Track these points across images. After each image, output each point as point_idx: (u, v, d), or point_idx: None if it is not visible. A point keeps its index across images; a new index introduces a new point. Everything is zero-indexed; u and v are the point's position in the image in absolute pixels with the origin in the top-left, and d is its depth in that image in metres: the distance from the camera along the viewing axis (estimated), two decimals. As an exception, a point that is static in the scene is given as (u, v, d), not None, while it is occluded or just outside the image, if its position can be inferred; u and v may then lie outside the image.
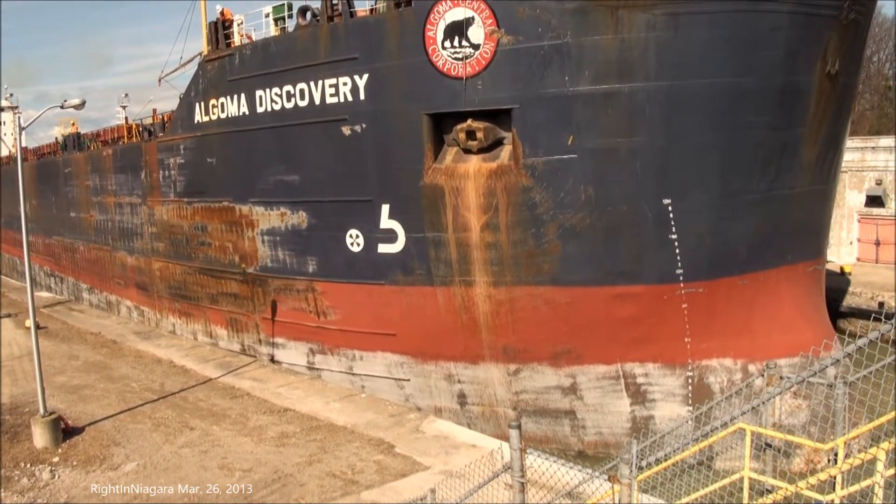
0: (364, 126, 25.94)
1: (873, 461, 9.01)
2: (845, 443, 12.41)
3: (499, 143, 24.55)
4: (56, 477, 20.75)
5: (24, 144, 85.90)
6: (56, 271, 56.82)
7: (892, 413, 9.67)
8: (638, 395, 25.79)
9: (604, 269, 24.32)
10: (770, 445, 15.05)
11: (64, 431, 23.20)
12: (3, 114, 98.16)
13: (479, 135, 24.12)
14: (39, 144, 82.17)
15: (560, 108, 23.28)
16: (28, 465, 21.48)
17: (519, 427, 11.47)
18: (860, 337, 9.95)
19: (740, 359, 25.34)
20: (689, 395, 25.55)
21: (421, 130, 24.86)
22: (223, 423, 24.55)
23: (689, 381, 25.55)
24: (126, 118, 53.91)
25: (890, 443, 8.67)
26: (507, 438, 12.28)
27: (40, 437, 22.61)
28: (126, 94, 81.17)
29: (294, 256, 29.40)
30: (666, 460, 12.44)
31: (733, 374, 25.68)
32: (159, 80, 39.68)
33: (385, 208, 26.15)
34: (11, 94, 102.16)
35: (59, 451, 22.51)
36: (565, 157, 23.56)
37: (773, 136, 24.50)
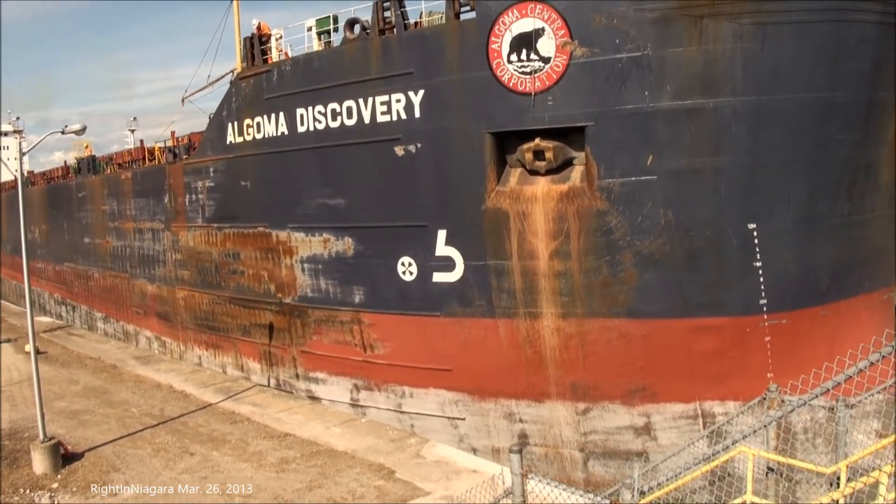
0: (419, 146, 24.08)
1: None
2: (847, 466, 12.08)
3: (568, 163, 22.76)
4: (55, 503, 20.78)
5: (29, 169, 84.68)
6: (68, 299, 54.71)
7: (893, 437, 9.84)
8: (716, 435, 23.87)
9: (683, 299, 22.46)
10: (773, 469, 14.98)
11: (63, 457, 23.21)
12: (5, 138, 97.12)
13: (549, 155, 22.30)
14: (43, 169, 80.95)
15: (639, 125, 21.49)
16: (27, 491, 21.49)
17: (520, 451, 11.60)
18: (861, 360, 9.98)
19: (823, 395, 23.50)
20: (772, 435, 23.64)
21: (483, 150, 23.03)
22: (223, 448, 24.43)
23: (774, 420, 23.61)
24: (142, 141, 51.99)
25: (891, 466, 8.88)
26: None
27: (40, 462, 22.60)
28: (135, 118, 79.96)
29: (338, 286, 27.38)
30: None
31: (816, 411, 23.71)
32: (182, 100, 37.81)
33: (441, 234, 24.22)
34: (18, 118, 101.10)
35: (59, 476, 22.55)
36: (644, 178, 21.75)
37: (858, 154, 23.02)
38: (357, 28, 25.19)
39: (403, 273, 25.33)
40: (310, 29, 27.31)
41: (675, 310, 22.53)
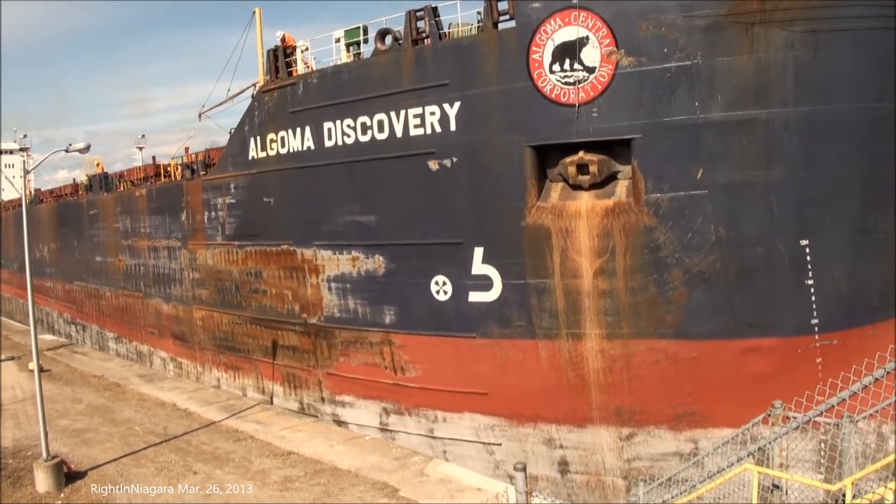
0: (455, 160, 23.17)
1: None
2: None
3: (612, 177, 21.87)
4: (59, 522, 20.68)
5: (36, 187, 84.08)
6: (78, 318, 53.67)
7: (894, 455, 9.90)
8: (766, 461, 22.81)
9: (734, 319, 21.59)
10: (778, 487, 14.78)
11: (67, 476, 23.18)
12: (10, 156, 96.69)
13: (593, 168, 21.41)
14: (49, 187, 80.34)
15: (688, 137, 20.64)
16: (31, 510, 21.60)
17: (524, 469, 11.69)
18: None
19: (872, 419, 22.56)
20: (823, 460, 22.61)
21: (523, 164, 22.16)
22: (226, 466, 24.33)
23: (823, 444, 22.51)
24: (154, 157, 51.20)
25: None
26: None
27: (43, 481, 22.54)
28: (143, 136, 79.36)
29: (367, 306, 26.36)
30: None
31: (866, 436, 22.69)
32: (199, 116, 36.91)
33: (478, 252, 23.25)
34: (25, 136, 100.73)
35: (62, 495, 22.49)
36: (694, 192, 20.87)
37: (908, 166, 21.94)
38: (388, 39, 24.35)
39: (437, 292, 24.34)
40: (338, 40, 26.43)
41: (726, 330, 21.64)
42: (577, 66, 20.96)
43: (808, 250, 21.16)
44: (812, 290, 21.38)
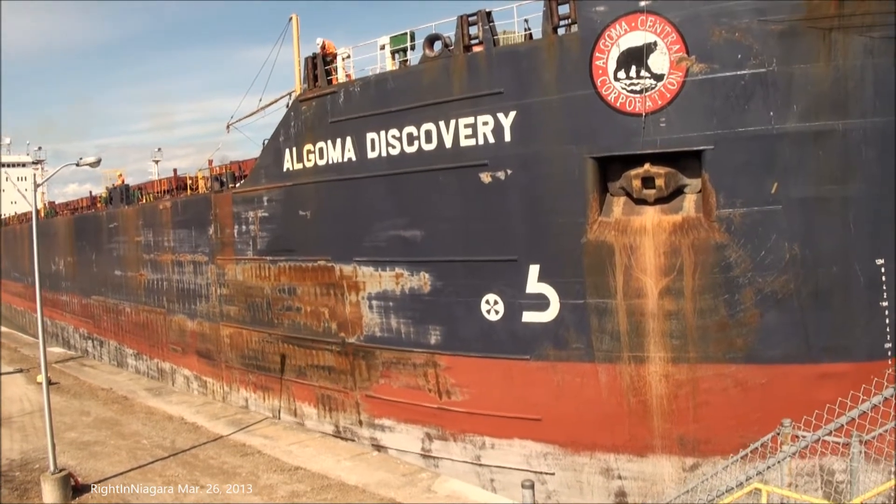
0: (509, 172, 22.03)
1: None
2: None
3: (678, 192, 20.63)
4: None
5: (50, 200, 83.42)
6: (95, 334, 52.49)
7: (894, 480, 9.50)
8: (835, 494, 21.46)
9: (807, 343, 20.35)
10: None
11: (74, 489, 23.05)
12: (23, 169, 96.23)
13: (659, 182, 20.26)
14: (65, 200, 79.67)
15: (763, 149, 19.51)
16: (38, 523, 21.51)
17: (532, 487, 11.34)
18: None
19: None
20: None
21: (584, 177, 21.03)
22: (233, 481, 24.14)
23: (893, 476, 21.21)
24: (175, 170, 50.18)
25: None
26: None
27: (50, 494, 22.43)
28: (159, 149, 78.74)
29: (411, 325, 25.12)
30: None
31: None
32: (227, 127, 35.83)
33: (534, 269, 22.06)
34: (39, 148, 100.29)
35: None
36: (768, 208, 19.69)
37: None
38: (438, 45, 23.26)
39: (488, 312, 23.10)
40: (383, 47, 25.31)
41: (798, 355, 20.45)
42: (644, 73, 19.86)
43: (882, 270, 19.96)
44: (886, 312, 20.16)
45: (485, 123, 22.23)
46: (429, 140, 23.49)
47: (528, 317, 22.36)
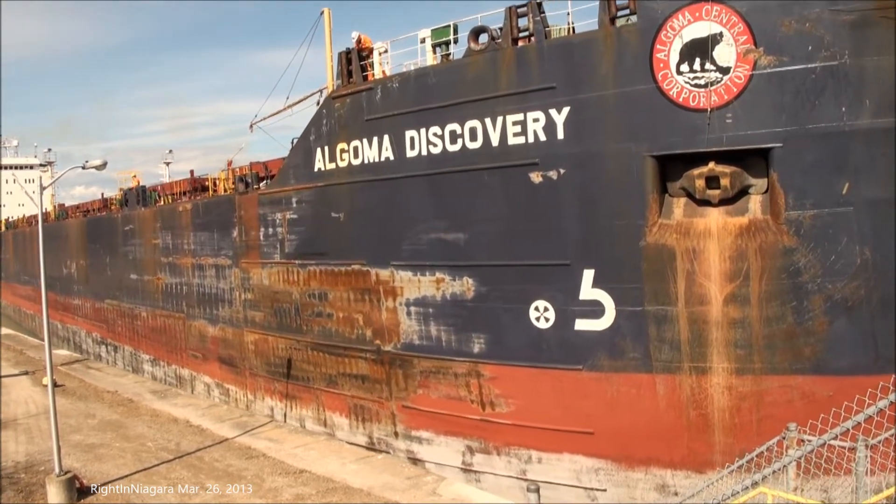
0: (561, 171, 20.86)
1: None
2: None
3: (743, 192, 19.44)
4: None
5: (59, 202, 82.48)
6: (108, 339, 51.38)
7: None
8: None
9: (876, 353, 19.13)
10: None
11: (79, 491, 23.04)
12: (30, 171, 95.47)
13: (724, 182, 19.09)
14: (70, 202, 78.79)
15: (835, 147, 18.34)
16: (43, 526, 21.35)
17: (538, 490, 11.17)
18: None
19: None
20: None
21: (643, 176, 19.84)
22: (238, 484, 24.07)
23: None
24: (192, 171, 49.08)
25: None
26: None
27: (55, 496, 22.40)
28: (170, 151, 77.77)
29: (452, 333, 23.93)
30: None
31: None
32: (251, 126, 34.85)
33: (587, 274, 20.87)
34: (49, 149, 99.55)
35: None
36: (839, 209, 18.49)
37: None
38: (484, 37, 22.11)
39: (537, 319, 21.93)
40: (423, 41, 24.15)
41: (866, 365, 19.14)
42: (708, 66, 18.71)
43: None
44: None
45: (535, 120, 21.08)
46: (473, 138, 22.34)
47: (582, 324, 21.18)
